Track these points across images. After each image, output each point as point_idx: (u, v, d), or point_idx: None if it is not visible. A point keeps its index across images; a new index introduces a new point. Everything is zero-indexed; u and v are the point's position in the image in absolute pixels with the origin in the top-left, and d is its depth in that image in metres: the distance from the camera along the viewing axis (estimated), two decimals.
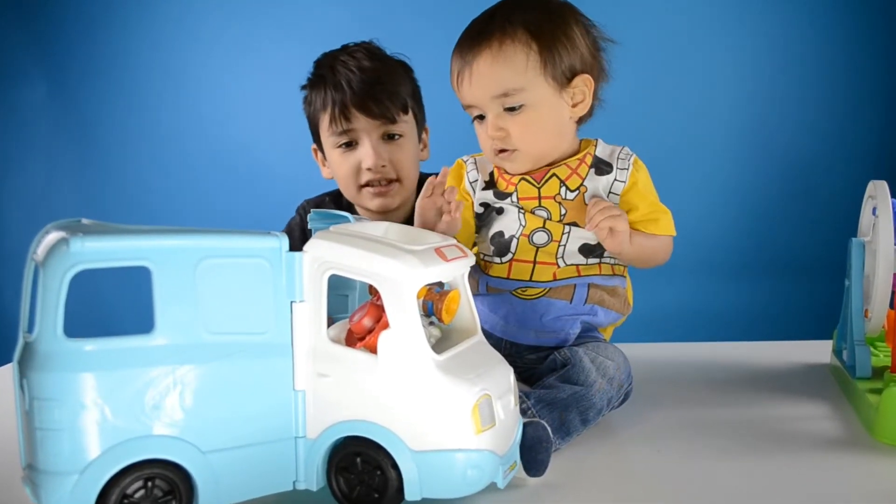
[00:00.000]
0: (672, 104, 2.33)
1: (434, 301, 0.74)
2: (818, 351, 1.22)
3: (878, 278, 1.01)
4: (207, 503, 0.67)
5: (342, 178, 1.36)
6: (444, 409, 0.67)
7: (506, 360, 0.95)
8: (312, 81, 1.36)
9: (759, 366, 1.20)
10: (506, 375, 0.75)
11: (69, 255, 0.61)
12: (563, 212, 0.97)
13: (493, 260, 1.00)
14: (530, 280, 0.98)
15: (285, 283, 0.69)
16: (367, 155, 1.30)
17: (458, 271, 0.75)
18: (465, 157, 1.05)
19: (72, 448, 0.62)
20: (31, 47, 2.44)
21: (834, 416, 0.97)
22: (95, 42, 2.42)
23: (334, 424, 0.69)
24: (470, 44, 0.96)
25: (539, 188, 0.98)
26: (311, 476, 0.71)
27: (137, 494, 0.64)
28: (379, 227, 0.75)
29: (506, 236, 0.99)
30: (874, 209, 1.04)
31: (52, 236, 0.64)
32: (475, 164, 1.03)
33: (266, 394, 0.69)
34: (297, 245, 0.72)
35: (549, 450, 0.76)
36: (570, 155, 1.00)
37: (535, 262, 0.98)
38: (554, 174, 0.98)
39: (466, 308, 0.77)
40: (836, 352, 1.13)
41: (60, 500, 0.62)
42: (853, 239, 1.07)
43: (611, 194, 0.98)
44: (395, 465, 0.68)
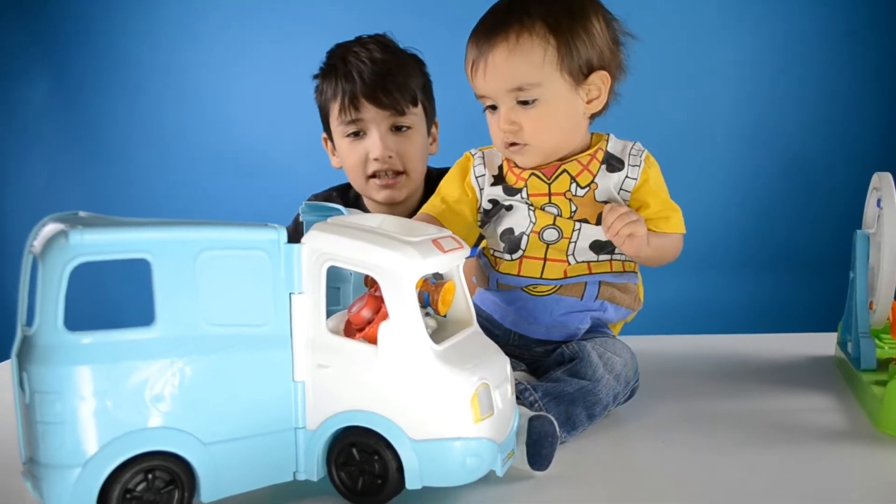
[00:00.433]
0: (674, 100, 2.33)
1: (430, 292, 0.74)
2: (823, 343, 1.22)
3: (882, 270, 1.01)
4: (209, 494, 0.67)
5: (350, 167, 1.36)
6: (444, 398, 0.67)
7: (514, 351, 0.96)
8: (324, 71, 1.37)
9: (764, 358, 1.19)
10: (503, 365, 0.75)
11: (69, 247, 0.61)
12: (574, 208, 0.95)
13: (503, 257, 0.99)
14: (541, 277, 0.96)
15: (284, 275, 0.69)
16: (375, 145, 1.31)
17: (455, 262, 0.75)
18: (473, 150, 1.03)
19: (73, 441, 0.62)
20: (33, 46, 2.45)
21: (839, 408, 0.97)
22: (97, 40, 2.43)
23: (334, 415, 0.69)
24: (486, 34, 0.94)
25: (549, 184, 0.96)
26: (312, 467, 0.71)
27: (139, 487, 0.64)
28: (375, 219, 0.75)
29: (516, 233, 0.97)
30: (879, 201, 1.04)
31: (50, 228, 0.63)
32: (482, 157, 1.01)
33: (266, 385, 0.69)
34: None
35: (555, 444, 0.76)
36: (582, 150, 0.98)
37: (545, 258, 0.96)
38: (565, 170, 0.96)
39: (462, 299, 0.77)
40: (841, 344, 1.13)
41: (63, 494, 0.62)
42: (858, 231, 1.07)
43: (622, 191, 0.96)
44: (390, 446, 0.68)
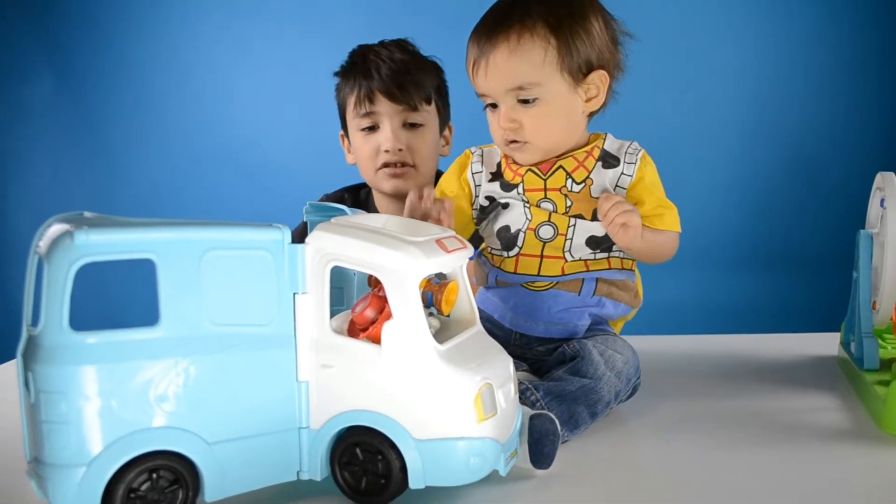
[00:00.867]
0: (677, 98, 2.33)
1: (434, 292, 0.74)
2: (826, 343, 1.22)
3: (886, 270, 1.01)
4: (213, 494, 0.67)
5: (362, 160, 1.40)
6: (448, 397, 0.68)
7: (516, 351, 0.96)
8: (345, 69, 1.42)
9: (767, 358, 1.19)
10: (506, 364, 0.75)
11: (74, 247, 0.61)
12: (569, 204, 0.97)
13: (501, 254, 1.00)
14: (538, 275, 0.97)
15: (288, 275, 0.70)
16: (387, 138, 1.36)
17: (458, 262, 0.75)
18: (473, 147, 1.05)
19: (78, 441, 0.62)
20: (36, 45, 2.45)
21: (841, 408, 0.97)
22: (101, 39, 2.44)
23: (337, 415, 0.69)
24: (488, 34, 0.95)
25: (545, 180, 0.98)
26: (315, 466, 0.71)
27: (143, 487, 0.64)
28: (379, 219, 0.75)
29: (512, 231, 0.99)
30: (882, 201, 1.03)
31: (56, 229, 0.64)
32: (481, 155, 1.03)
33: (270, 385, 0.69)
34: None
35: (557, 443, 0.76)
36: (579, 147, 0.99)
37: (542, 256, 0.97)
38: (560, 166, 0.98)
39: (465, 299, 0.77)
40: (844, 344, 1.13)
41: (68, 493, 0.62)
42: (861, 231, 1.07)
43: (617, 188, 0.97)
44: (393, 446, 0.68)
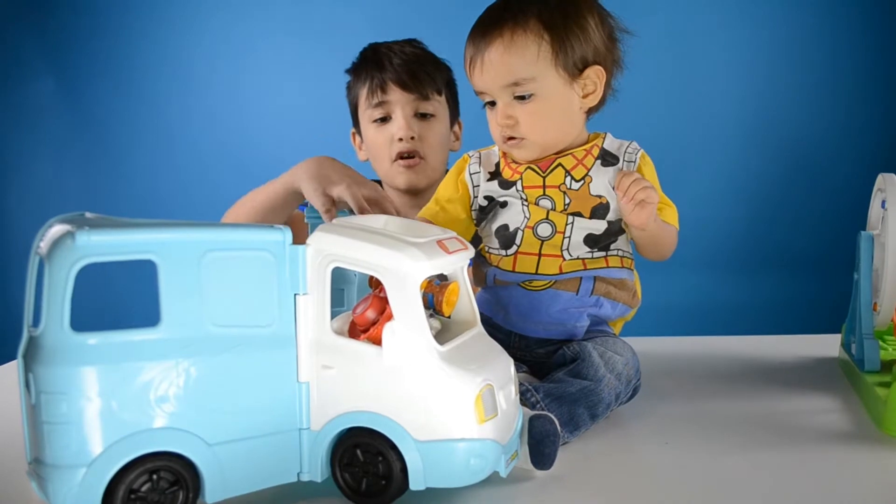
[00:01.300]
0: (678, 99, 2.33)
1: (434, 293, 0.74)
2: (826, 344, 1.22)
3: (886, 272, 1.01)
4: (214, 495, 0.67)
5: (375, 152, 1.42)
6: (448, 399, 0.68)
7: (516, 354, 0.96)
8: (356, 65, 1.43)
9: (768, 359, 1.19)
10: (506, 366, 0.75)
11: (75, 248, 0.61)
12: (568, 201, 0.97)
13: (499, 253, 1.00)
14: (536, 273, 0.97)
15: (289, 276, 0.70)
16: (400, 126, 1.38)
17: (459, 263, 0.75)
18: (471, 151, 1.05)
19: (79, 441, 0.62)
20: (39, 44, 2.45)
21: (842, 410, 0.97)
22: (103, 38, 2.43)
23: (338, 416, 0.69)
24: (483, 32, 0.97)
25: (544, 177, 0.98)
26: (316, 467, 0.71)
27: (144, 488, 0.64)
28: (379, 220, 0.76)
29: (510, 229, 0.99)
30: (883, 202, 1.04)
31: (57, 230, 0.64)
32: (479, 157, 1.03)
33: (270, 386, 0.69)
34: None
35: (557, 443, 0.76)
36: (578, 146, 1.00)
37: (539, 254, 0.97)
38: (560, 164, 0.98)
39: (466, 300, 0.77)
40: (845, 345, 1.13)
41: (68, 494, 0.62)
42: (862, 232, 1.07)
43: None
44: (394, 447, 0.68)
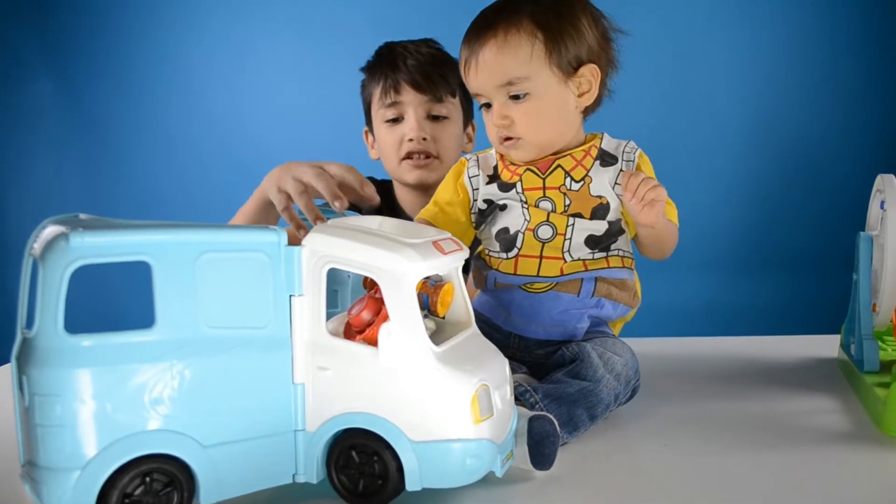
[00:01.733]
0: (678, 99, 2.33)
1: (429, 294, 0.74)
2: (826, 345, 1.22)
3: (886, 272, 1.01)
4: (209, 497, 0.67)
5: (386, 151, 1.42)
6: (444, 399, 0.67)
7: (515, 354, 0.96)
8: (370, 64, 1.44)
9: (767, 360, 1.19)
10: (502, 366, 0.75)
11: (69, 250, 0.61)
12: (568, 202, 0.97)
13: (499, 256, 1.00)
14: (537, 275, 0.97)
15: (284, 277, 0.69)
16: (411, 127, 1.38)
17: (455, 264, 0.75)
18: (468, 154, 1.05)
19: (73, 444, 0.62)
20: (39, 44, 2.45)
21: (842, 410, 0.96)
22: (102, 39, 2.44)
23: (333, 417, 0.69)
24: (477, 33, 0.98)
25: (544, 179, 0.98)
26: (311, 469, 0.71)
27: (138, 490, 0.64)
28: (374, 221, 0.75)
29: (511, 232, 0.98)
30: (882, 203, 1.03)
31: (51, 231, 0.63)
32: (477, 160, 1.03)
33: (266, 387, 0.69)
34: None
35: (556, 444, 0.76)
36: (576, 146, 1.00)
37: (541, 256, 0.97)
38: (559, 165, 0.98)
39: (460, 301, 0.77)
40: (844, 346, 1.13)
41: (62, 497, 0.62)
42: (861, 233, 1.07)
43: (617, 185, 0.97)
44: (390, 448, 0.68)
